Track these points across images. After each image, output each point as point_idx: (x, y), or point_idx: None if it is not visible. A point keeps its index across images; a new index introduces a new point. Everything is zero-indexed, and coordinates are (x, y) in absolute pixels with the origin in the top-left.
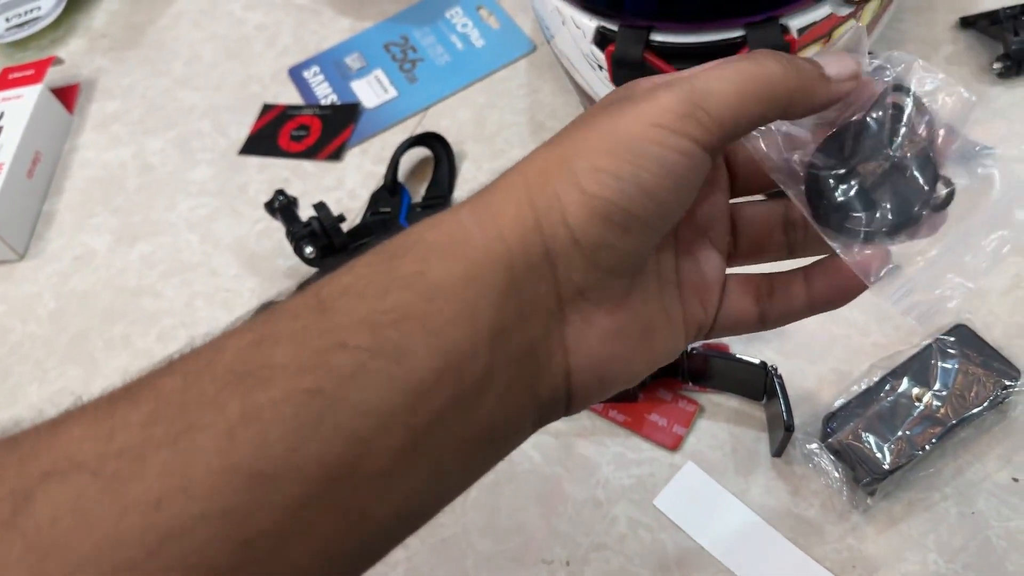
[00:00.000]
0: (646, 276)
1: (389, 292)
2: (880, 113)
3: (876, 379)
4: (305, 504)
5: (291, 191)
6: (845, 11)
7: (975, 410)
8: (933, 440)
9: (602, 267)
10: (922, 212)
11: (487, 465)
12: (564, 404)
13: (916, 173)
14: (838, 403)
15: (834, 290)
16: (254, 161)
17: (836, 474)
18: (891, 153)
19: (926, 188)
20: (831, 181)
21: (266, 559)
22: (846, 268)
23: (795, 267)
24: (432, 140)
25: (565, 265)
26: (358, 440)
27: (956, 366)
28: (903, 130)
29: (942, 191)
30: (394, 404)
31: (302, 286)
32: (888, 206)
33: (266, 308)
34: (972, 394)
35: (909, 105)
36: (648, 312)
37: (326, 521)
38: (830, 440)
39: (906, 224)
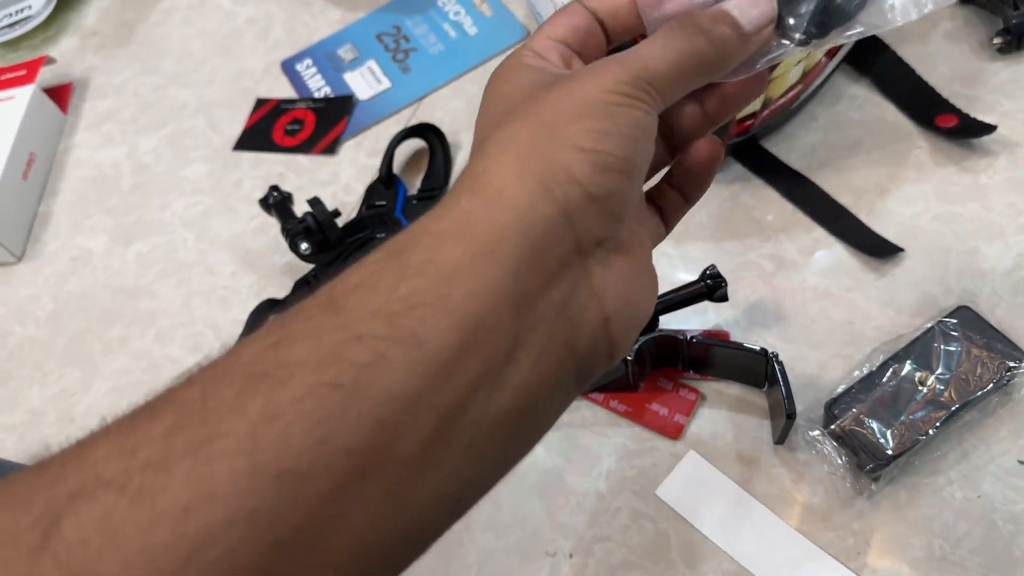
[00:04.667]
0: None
1: (401, 282)
2: None
3: (878, 363)
4: (336, 497)
5: (286, 186)
6: None
7: (979, 393)
8: (937, 424)
9: (615, 214)
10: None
11: (530, 437)
12: (606, 352)
13: None
14: (840, 389)
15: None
16: (248, 157)
17: (839, 460)
18: None
19: None
20: None
21: (301, 556)
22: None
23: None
24: (427, 131)
25: (583, 220)
26: (385, 427)
27: (959, 348)
28: None
29: None
30: (417, 387)
31: (299, 284)
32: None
33: (267, 305)
34: (976, 376)
35: None
36: (642, 247)
37: (360, 512)
38: (833, 426)
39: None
